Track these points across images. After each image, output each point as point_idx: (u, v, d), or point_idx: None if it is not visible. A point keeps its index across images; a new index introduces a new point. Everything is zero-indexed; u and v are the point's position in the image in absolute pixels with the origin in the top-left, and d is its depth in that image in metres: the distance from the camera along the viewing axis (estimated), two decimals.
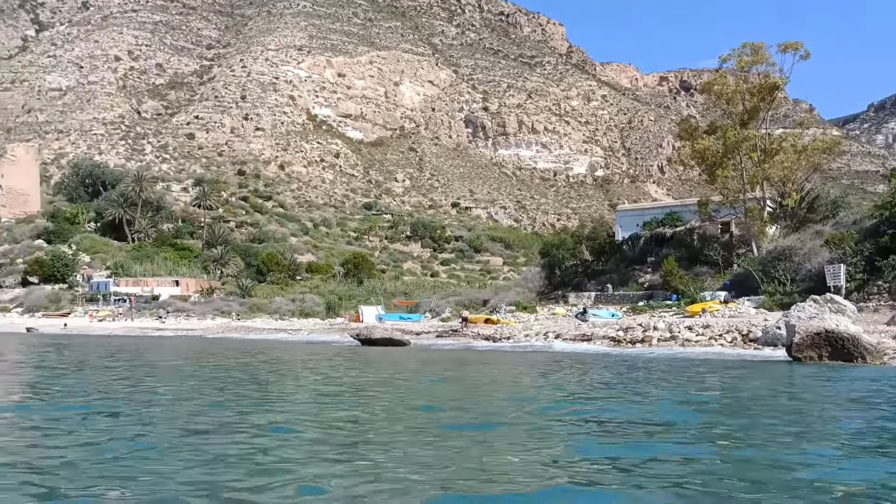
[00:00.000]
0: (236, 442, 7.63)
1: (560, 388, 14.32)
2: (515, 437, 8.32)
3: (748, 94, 43.49)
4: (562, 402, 12.23)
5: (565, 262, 54.51)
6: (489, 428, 9.00)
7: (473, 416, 10.48)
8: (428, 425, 9.24)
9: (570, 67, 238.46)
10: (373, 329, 34.25)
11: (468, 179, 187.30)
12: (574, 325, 34.65)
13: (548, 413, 10.57)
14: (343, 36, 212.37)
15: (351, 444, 7.65)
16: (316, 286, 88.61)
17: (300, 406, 11.58)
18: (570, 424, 9.39)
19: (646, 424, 9.27)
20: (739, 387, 14.91)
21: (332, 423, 9.31)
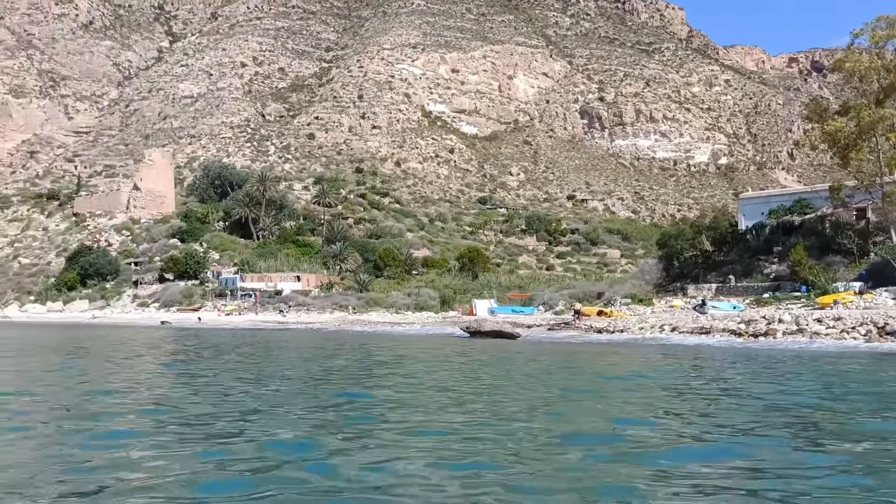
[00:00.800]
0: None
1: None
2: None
3: (884, 71, 40.35)
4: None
5: (684, 254, 52.49)
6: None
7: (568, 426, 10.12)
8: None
9: (691, 52, 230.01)
10: (482, 322, 34.14)
11: (584, 171, 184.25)
12: (692, 317, 33.27)
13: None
14: (456, 32, 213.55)
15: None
16: (431, 280, 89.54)
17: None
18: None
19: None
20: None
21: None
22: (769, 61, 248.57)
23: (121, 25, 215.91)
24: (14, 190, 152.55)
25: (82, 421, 9.88)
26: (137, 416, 10.55)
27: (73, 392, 13.28)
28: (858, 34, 41.20)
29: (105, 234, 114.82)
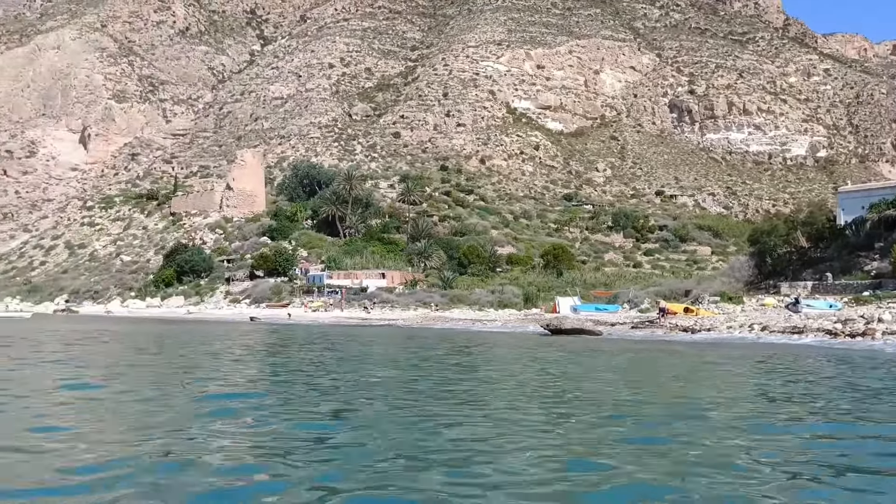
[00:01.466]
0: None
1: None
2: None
3: None
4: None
5: (777, 250, 50.34)
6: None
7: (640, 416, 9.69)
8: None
9: (787, 41, 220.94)
10: (563, 319, 33.60)
11: (673, 166, 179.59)
12: (784, 316, 31.81)
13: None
14: (542, 27, 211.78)
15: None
16: (515, 278, 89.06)
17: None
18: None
19: None
20: None
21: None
22: (871, 49, 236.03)
23: (215, 31, 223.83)
24: (117, 191, 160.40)
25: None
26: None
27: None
28: None
29: (200, 232, 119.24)
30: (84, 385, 13.33)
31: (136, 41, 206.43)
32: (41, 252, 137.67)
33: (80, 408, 10.78)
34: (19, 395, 11.74)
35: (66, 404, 11.10)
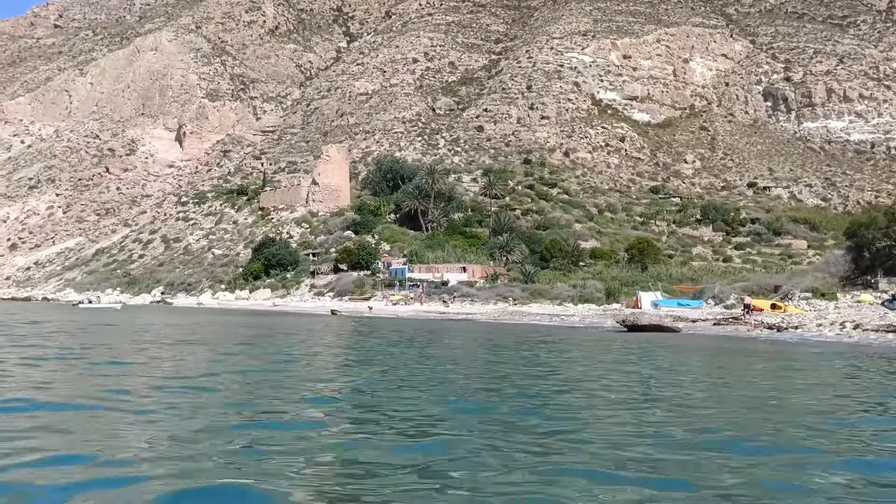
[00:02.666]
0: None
1: None
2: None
3: None
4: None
5: (876, 244, 47.59)
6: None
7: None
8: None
9: (892, 24, 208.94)
10: (639, 316, 32.62)
11: (766, 157, 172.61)
12: (879, 314, 29.94)
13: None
14: (628, 16, 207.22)
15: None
16: (599, 272, 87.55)
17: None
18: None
19: None
20: None
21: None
22: None
23: (303, 29, 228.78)
24: (209, 186, 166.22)
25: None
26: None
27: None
28: None
29: (286, 226, 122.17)
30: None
31: (228, 41, 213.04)
32: (140, 246, 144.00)
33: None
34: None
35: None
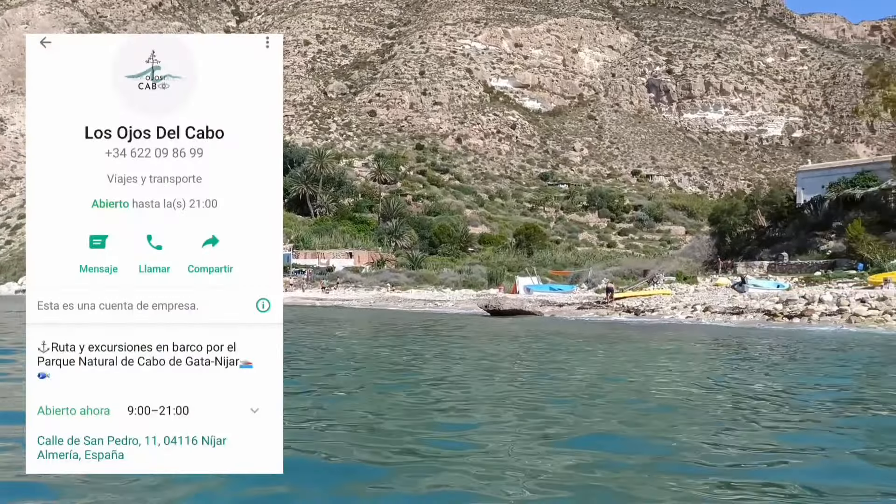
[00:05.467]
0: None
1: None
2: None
3: None
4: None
5: (737, 229, 50.04)
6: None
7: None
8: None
9: (766, 22, 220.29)
10: (502, 300, 33.01)
11: (650, 146, 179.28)
12: (728, 297, 31.36)
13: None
14: (520, 5, 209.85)
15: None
16: (487, 257, 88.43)
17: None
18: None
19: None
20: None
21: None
22: (850, 30, 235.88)
23: (189, 6, 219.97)
24: None
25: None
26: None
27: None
28: None
29: None
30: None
31: (107, 16, 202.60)
32: (7, 231, 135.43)
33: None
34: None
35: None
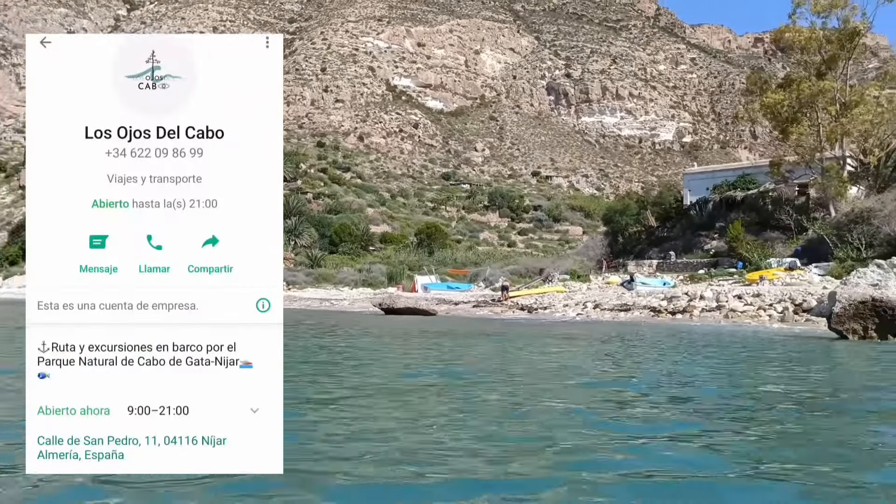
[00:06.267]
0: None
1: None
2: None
3: (825, 42, 39.36)
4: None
5: (628, 229, 51.67)
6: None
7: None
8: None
9: (658, 31, 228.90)
10: (396, 299, 32.91)
11: (549, 148, 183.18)
12: (617, 294, 32.28)
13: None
14: (423, 5, 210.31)
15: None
16: (388, 256, 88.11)
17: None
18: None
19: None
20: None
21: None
22: (735, 41, 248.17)
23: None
24: None
25: None
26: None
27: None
28: (801, 3, 40.08)
29: None
30: None
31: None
32: None
33: None
34: None
35: None
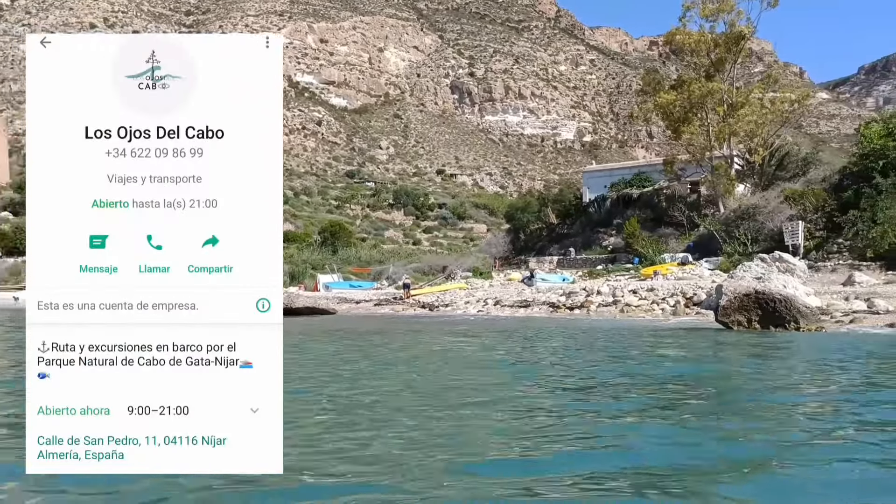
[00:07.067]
0: None
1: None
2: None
3: (713, 45, 40.92)
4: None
5: (530, 226, 52.38)
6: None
7: None
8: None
9: (559, 32, 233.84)
10: (294, 298, 32.21)
11: (454, 146, 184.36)
12: (518, 290, 32.55)
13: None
14: (325, 1, 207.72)
15: None
16: (290, 255, 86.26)
17: None
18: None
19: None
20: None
21: None
22: (632, 43, 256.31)
23: None
24: None
25: None
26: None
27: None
28: (690, 7, 41.54)
29: None
30: None
31: None
32: None
33: None
34: None
35: None
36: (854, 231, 28.51)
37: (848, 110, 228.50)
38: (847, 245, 28.60)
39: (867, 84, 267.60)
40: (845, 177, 32.81)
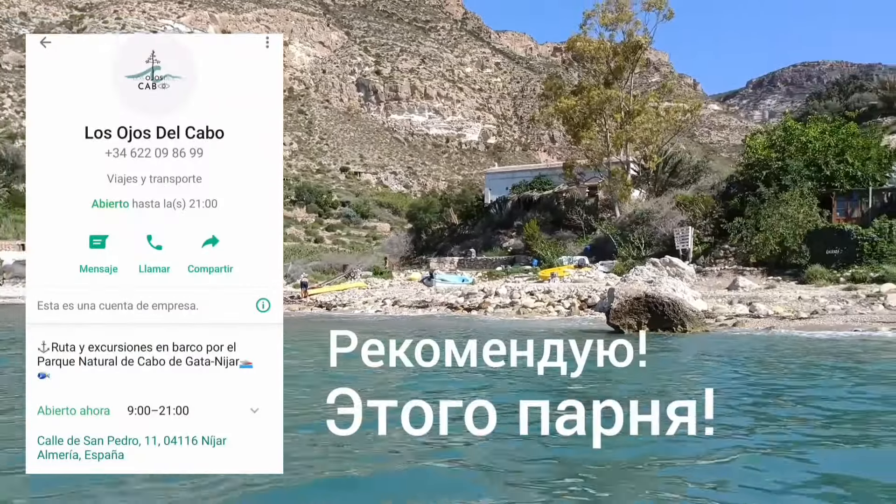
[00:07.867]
0: None
1: None
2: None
3: (612, 53, 41.96)
4: None
5: (432, 227, 52.35)
6: None
7: None
8: None
9: (465, 34, 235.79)
10: None
11: (358, 144, 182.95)
12: (416, 291, 32.39)
13: None
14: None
15: None
16: None
17: None
18: None
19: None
20: None
21: None
22: (536, 49, 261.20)
23: None
24: None
25: None
26: None
27: None
28: (591, 15, 42.44)
29: None
30: None
31: None
32: None
33: None
34: None
35: None
36: (739, 237, 29.76)
37: (737, 122, 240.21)
38: (733, 250, 29.83)
39: (755, 97, 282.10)
40: (732, 185, 34.23)
